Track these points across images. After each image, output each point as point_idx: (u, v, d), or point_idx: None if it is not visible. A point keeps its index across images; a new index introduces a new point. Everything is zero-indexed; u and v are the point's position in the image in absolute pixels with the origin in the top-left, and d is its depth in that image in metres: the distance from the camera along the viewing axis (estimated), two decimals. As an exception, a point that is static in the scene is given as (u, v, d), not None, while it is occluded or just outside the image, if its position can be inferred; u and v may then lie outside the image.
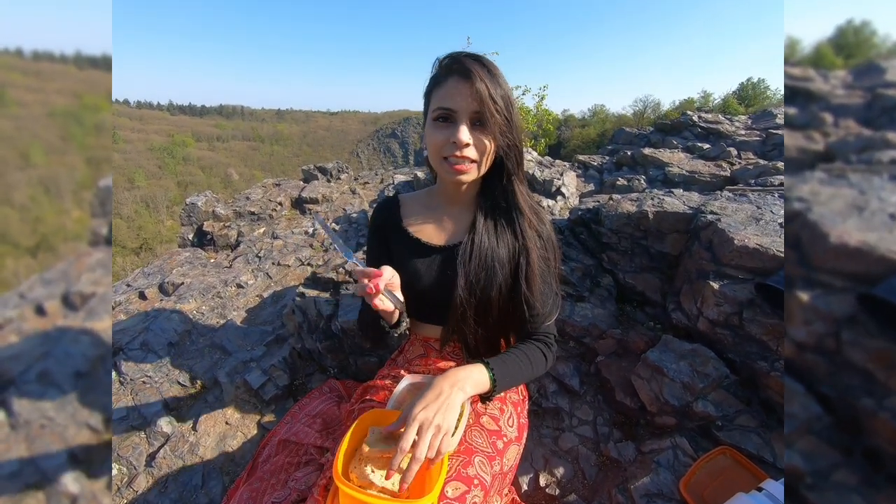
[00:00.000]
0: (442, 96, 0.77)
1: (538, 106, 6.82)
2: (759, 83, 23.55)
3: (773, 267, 1.22)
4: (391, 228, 0.99)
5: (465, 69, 0.75)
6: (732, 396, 1.19)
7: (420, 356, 1.09)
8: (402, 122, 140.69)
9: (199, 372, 1.55)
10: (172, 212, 40.38)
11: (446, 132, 0.77)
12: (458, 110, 0.76)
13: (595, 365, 1.47)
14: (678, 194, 1.79)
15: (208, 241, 3.20)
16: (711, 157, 3.63)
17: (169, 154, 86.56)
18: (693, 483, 1.03)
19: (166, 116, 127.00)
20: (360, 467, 0.74)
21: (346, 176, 4.61)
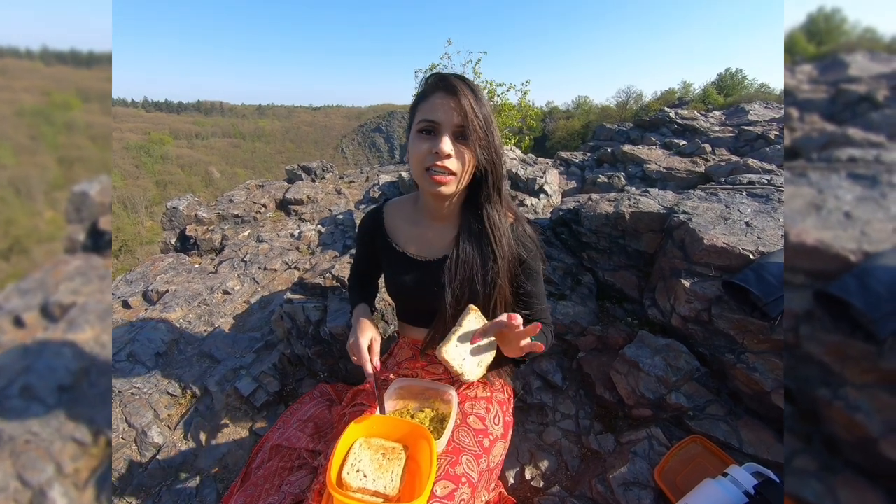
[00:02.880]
0: (427, 109, 0.80)
1: (521, 102, 6.87)
2: (738, 73, 24.09)
3: (739, 265, 1.29)
4: (378, 242, 1.03)
5: (451, 85, 0.79)
6: (703, 388, 1.26)
7: (408, 359, 1.13)
8: (386, 117, 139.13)
9: (189, 381, 1.56)
10: (152, 212, 39.24)
11: (429, 143, 0.80)
12: (442, 123, 0.79)
13: (577, 361, 1.53)
14: (654, 194, 1.86)
15: (192, 245, 3.16)
16: (687, 153, 3.75)
17: (146, 153, 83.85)
18: (666, 471, 1.10)
19: (141, 114, 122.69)
20: (353, 472, 0.78)
21: (331, 175, 4.59)
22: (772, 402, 1.13)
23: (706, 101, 15.37)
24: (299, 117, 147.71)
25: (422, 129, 0.81)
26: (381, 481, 0.77)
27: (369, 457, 0.81)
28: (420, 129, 0.81)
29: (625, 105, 27.73)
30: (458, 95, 0.78)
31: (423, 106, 0.81)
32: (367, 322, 0.97)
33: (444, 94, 0.79)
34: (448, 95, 0.79)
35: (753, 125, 3.92)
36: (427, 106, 0.81)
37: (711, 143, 3.78)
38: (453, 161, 0.80)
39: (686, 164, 3.41)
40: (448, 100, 0.78)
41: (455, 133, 0.80)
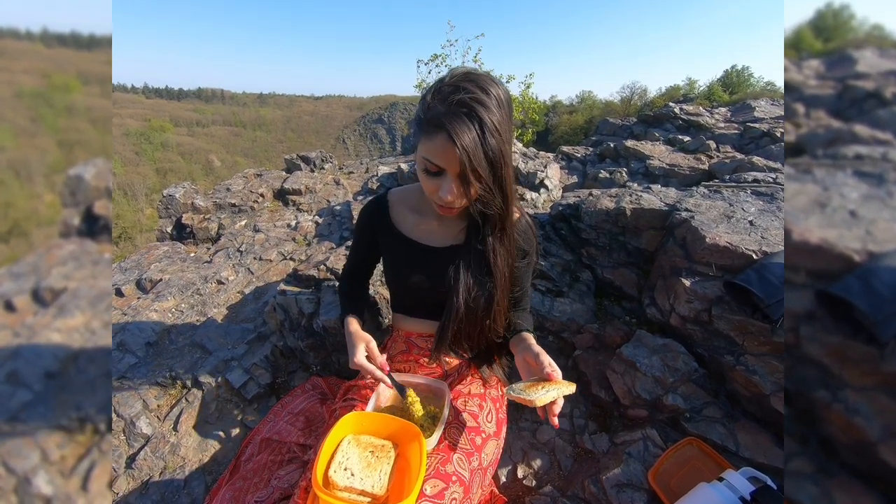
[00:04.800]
0: (429, 150, 0.76)
1: (524, 94, 6.79)
2: (744, 70, 23.85)
3: (741, 265, 1.27)
4: (381, 229, 1.01)
5: (455, 131, 0.72)
6: (701, 389, 1.24)
7: (402, 352, 1.11)
8: (388, 108, 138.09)
9: (180, 372, 1.54)
10: (151, 200, 39.08)
11: (435, 182, 0.79)
12: (445, 168, 0.76)
13: (573, 359, 1.51)
14: (655, 190, 1.83)
15: (188, 234, 3.13)
16: (691, 150, 3.70)
17: (146, 140, 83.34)
18: (661, 473, 1.09)
19: (141, 100, 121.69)
20: (340, 470, 0.76)
21: (330, 166, 4.54)
22: (770, 405, 1.11)
23: (711, 97, 15.21)
24: (301, 107, 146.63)
25: (425, 169, 0.79)
26: (368, 480, 0.76)
27: (357, 455, 0.80)
28: (424, 168, 0.79)
29: (629, 101, 27.51)
30: (461, 141, 0.71)
31: (427, 144, 0.76)
32: (357, 334, 0.93)
33: (446, 138, 0.73)
34: (449, 142, 0.73)
35: (759, 122, 3.87)
36: (430, 146, 0.76)
37: (716, 139, 3.73)
38: (458, 200, 0.80)
39: (690, 160, 3.36)
40: (451, 147, 0.73)
41: (460, 175, 0.76)
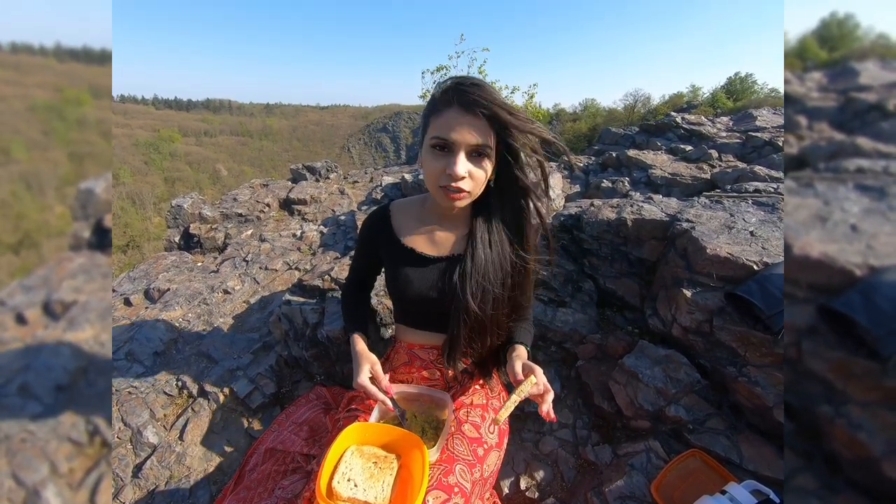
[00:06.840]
0: (441, 126, 0.76)
1: (527, 104, 6.86)
2: (747, 77, 23.81)
3: (742, 275, 1.27)
4: (383, 240, 1.01)
5: (468, 101, 0.74)
6: (703, 401, 1.24)
7: (404, 364, 1.12)
8: (393, 117, 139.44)
9: (186, 381, 1.56)
10: (160, 209, 39.59)
11: (443, 161, 0.78)
12: (456, 142, 0.76)
13: (575, 369, 1.52)
14: (657, 200, 1.84)
15: (195, 243, 3.18)
16: (693, 159, 3.71)
17: (155, 149, 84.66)
18: (664, 485, 1.08)
19: (151, 111, 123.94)
20: (343, 481, 0.77)
21: (335, 175, 4.59)
22: (774, 417, 1.11)
23: (715, 105, 15.20)
24: (306, 116, 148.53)
25: (435, 146, 0.78)
26: (371, 491, 0.77)
27: (361, 465, 0.81)
28: (433, 144, 0.78)
29: (632, 108, 27.54)
30: (475, 113, 0.74)
31: (437, 121, 0.77)
32: (363, 355, 0.94)
33: (459, 111, 0.75)
34: (464, 112, 0.75)
35: (761, 131, 3.87)
36: (441, 122, 0.76)
37: (718, 148, 3.74)
38: (467, 181, 0.79)
39: (692, 169, 3.37)
40: (464, 117, 0.74)
41: (470, 151, 0.77)
